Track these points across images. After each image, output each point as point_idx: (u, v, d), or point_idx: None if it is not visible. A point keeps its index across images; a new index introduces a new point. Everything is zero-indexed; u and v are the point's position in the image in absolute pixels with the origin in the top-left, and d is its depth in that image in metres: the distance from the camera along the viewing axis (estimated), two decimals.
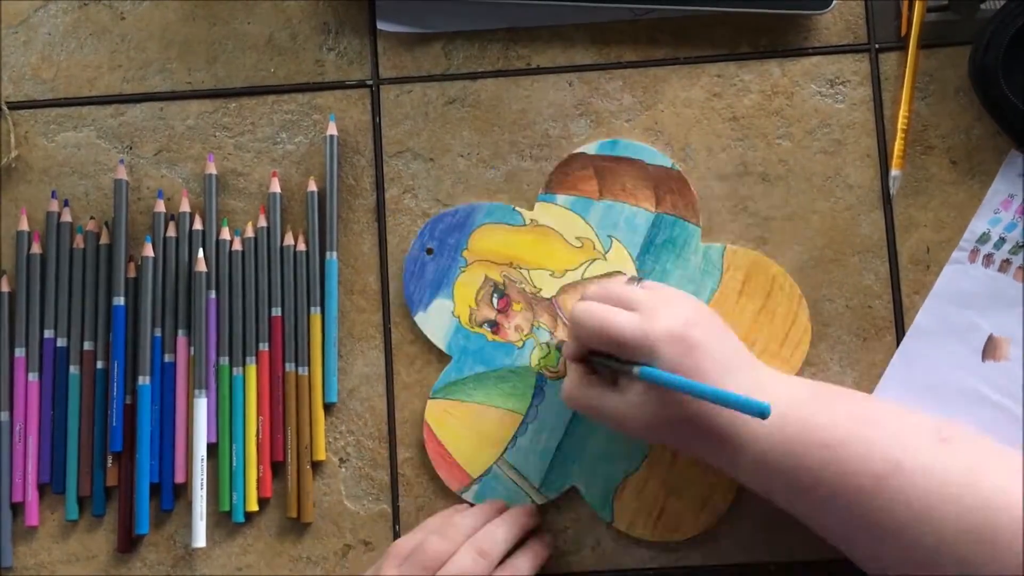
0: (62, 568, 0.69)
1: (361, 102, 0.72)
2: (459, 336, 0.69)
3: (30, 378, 0.70)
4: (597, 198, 0.69)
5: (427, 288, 0.69)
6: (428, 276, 0.69)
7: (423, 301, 0.69)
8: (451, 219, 0.70)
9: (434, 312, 0.69)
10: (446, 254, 0.69)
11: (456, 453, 0.68)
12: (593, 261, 0.69)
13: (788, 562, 0.67)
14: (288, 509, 0.69)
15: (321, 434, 0.69)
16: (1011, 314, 0.66)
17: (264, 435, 0.69)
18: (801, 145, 0.70)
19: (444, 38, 0.72)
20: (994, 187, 0.68)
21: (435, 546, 0.62)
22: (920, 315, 0.67)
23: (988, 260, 0.67)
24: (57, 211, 0.71)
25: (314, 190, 0.70)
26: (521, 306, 0.69)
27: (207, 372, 0.69)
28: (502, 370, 0.68)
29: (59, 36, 0.73)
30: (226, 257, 0.70)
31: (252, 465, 0.69)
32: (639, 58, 0.71)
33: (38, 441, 0.69)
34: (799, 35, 0.71)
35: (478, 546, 0.62)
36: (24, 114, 0.73)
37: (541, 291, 0.69)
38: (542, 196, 0.69)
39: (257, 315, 0.70)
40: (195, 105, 0.72)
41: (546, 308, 0.68)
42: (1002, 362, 0.66)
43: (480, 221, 0.69)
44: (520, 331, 0.69)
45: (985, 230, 0.68)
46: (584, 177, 0.69)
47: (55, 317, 0.70)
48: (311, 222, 0.70)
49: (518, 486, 0.67)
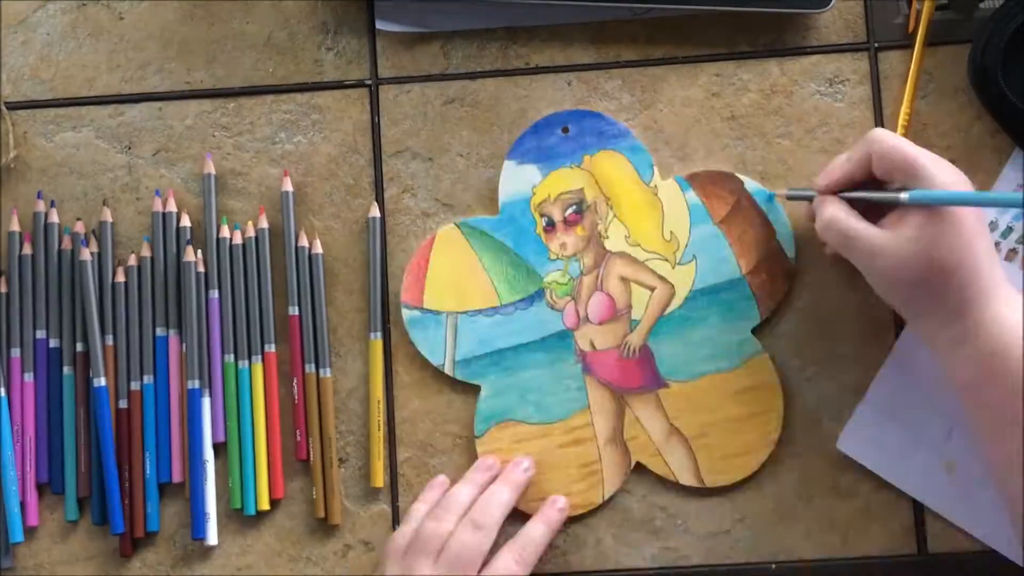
0: (62, 568, 0.69)
1: (360, 102, 0.72)
2: (520, 206, 0.69)
3: (26, 378, 0.70)
4: (715, 221, 0.68)
5: (535, 151, 0.70)
6: (546, 144, 0.70)
7: (523, 156, 0.70)
8: (604, 125, 0.70)
9: (521, 171, 0.70)
10: (575, 143, 0.70)
11: (430, 277, 0.69)
12: (663, 260, 0.69)
13: (788, 562, 0.67)
14: (316, 510, 0.69)
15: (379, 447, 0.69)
16: None
17: (274, 435, 0.69)
18: (800, 144, 0.70)
19: (443, 38, 0.72)
20: (1003, 175, 0.68)
21: (433, 529, 0.62)
22: None
23: (995, 248, 0.67)
24: (44, 212, 0.71)
25: (376, 216, 0.70)
26: (583, 233, 0.69)
27: (212, 371, 0.69)
28: (521, 260, 0.69)
29: (58, 36, 0.73)
30: (227, 255, 0.70)
31: (263, 464, 0.69)
32: (638, 57, 0.71)
33: (35, 441, 0.69)
34: (798, 34, 0.70)
35: (473, 520, 0.63)
36: (23, 114, 0.73)
37: (607, 239, 0.69)
38: (679, 178, 0.69)
39: (262, 314, 0.70)
40: (194, 105, 0.72)
41: (597, 253, 0.69)
42: None
43: (621, 148, 0.69)
44: (563, 249, 0.69)
45: (993, 219, 0.67)
46: (723, 198, 0.69)
47: (47, 318, 0.70)
48: (373, 248, 0.70)
49: (443, 344, 0.69)
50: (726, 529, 0.68)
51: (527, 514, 0.66)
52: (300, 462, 0.69)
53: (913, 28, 0.69)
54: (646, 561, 0.68)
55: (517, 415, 0.68)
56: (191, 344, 0.69)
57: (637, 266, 0.69)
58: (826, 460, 0.67)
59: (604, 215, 0.69)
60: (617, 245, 0.69)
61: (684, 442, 0.67)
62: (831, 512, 0.67)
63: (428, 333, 0.69)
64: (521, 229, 0.69)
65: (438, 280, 0.69)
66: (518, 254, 0.69)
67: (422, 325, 0.69)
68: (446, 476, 0.68)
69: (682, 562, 0.68)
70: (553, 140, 0.70)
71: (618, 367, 0.68)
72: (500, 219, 0.69)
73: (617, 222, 0.69)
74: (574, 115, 0.70)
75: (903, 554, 0.67)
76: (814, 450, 0.67)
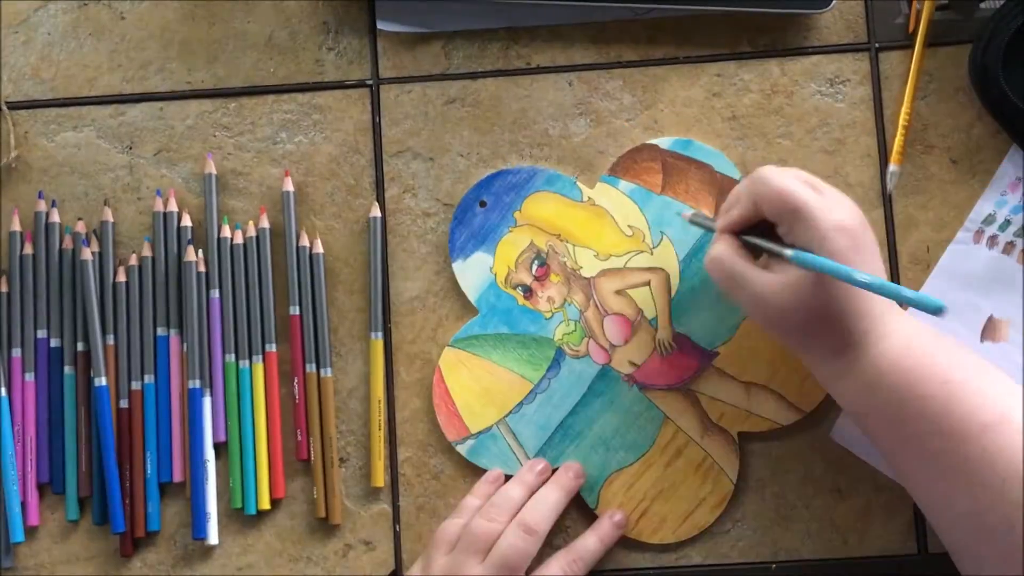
0: (62, 568, 0.69)
1: (361, 102, 0.72)
2: (491, 293, 0.69)
3: (26, 378, 0.70)
4: (658, 192, 0.69)
5: (472, 239, 0.70)
6: (475, 227, 0.70)
7: (464, 250, 0.69)
8: (512, 178, 0.70)
9: (473, 264, 0.69)
10: (498, 211, 0.70)
11: (461, 405, 0.68)
12: (639, 253, 0.69)
13: (788, 562, 0.67)
14: (317, 510, 0.69)
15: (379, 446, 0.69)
16: (1012, 296, 0.66)
17: (275, 433, 0.69)
18: (801, 144, 0.70)
19: (444, 38, 0.72)
20: (1002, 169, 0.68)
21: (483, 528, 0.63)
22: (922, 292, 0.68)
23: (992, 241, 0.67)
24: (45, 211, 0.71)
25: (377, 216, 0.70)
26: (559, 279, 0.69)
27: (212, 371, 0.69)
28: (525, 336, 0.69)
29: (59, 36, 0.73)
30: (227, 254, 0.70)
31: (263, 464, 0.69)
32: (639, 57, 0.71)
33: (36, 441, 0.69)
34: (799, 34, 0.70)
35: (524, 523, 0.63)
36: (24, 114, 0.73)
37: (581, 269, 0.69)
38: (605, 177, 0.69)
39: (262, 313, 0.70)
40: (195, 105, 0.72)
41: (582, 287, 0.69)
42: (1001, 343, 0.66)
43: (539, 187, 0.70)
44: (552, 303, 0.69)
45: (991, 211, 0.68)
46: (651, 169, 0.69)
47: (47, 318, 0.70)
48: (374, 248, 0.70)
49: (512, 452, 0.68)
50: (726, 529, 0.68)
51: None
52: (301, 462, 0.69)
53: (913, 28, 0.69)
54: (646, 561, 0.68)
55: (613, 466, 0.68)
56: (192, 344, 0.69)
57: (621, 274, 0.69)
58: (826, 460, 0.67)
59: (565, 251, 0.69)
60: (593, 268, 0.69)
61: (762, 389, 0.67)
62: (831, 512, 0.67)
63: (493, 453, 0.68)
64: (506, 311, 0.69)
65: (468, 403, 0.69)
66: (518, 334, 0.69)
67: (484, 450, 0.68)
68: (500, 471, 0.68)
69: (682, 562, 0.68)
70: (479, 219, 0.70)
71: (666, 367, 0.68)
72: (483, 316, 0.69)
73: (580, 248, 0.69)
74: (482, 186, 0.70)
75: (903, 554, 0.67)
76: (815, 450, 0.68)
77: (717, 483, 0.67)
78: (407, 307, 0.70)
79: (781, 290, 0.58)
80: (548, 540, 0.65)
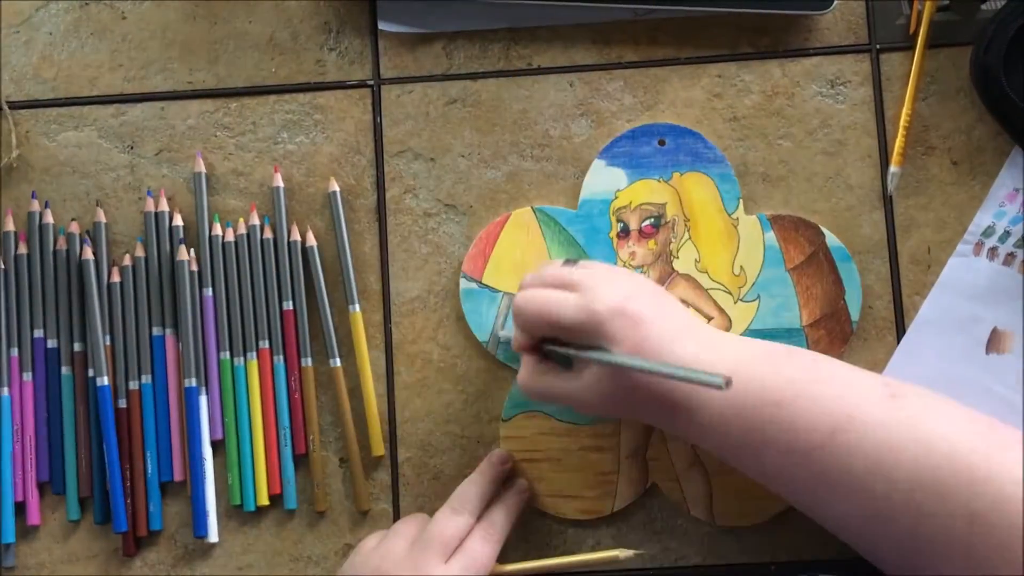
0: (63, 568, 0.69)
1: (362, 102, 0.72)
2: (600, 206, 0.69)
3: (24, 378, 0.70)
4: (787, 268, 0.68)
5: (627, 157, 0.69)
6: (638, 152, 0.69)
7: (613, 159, 0.69)
8: (700, 147, 0.69)
9: (607, 174, 0.69)
10: (666, 158, 0.69)
11: (495, 254, 0.69)
12: (727, 292, 0.68)
13: (788, 562, 0.67)
14: (316, 503, 0.69)
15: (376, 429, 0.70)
16: (1015, 307, 0.66)
17: (270, 429, 0.69)
18: (802, 146, 0.70)
19: (445, 38, 0.72)
20: (999, 180, 0.68)
21: (448, 529, 0.63)
22: (924, 306, 0.68)
23: (992, 253, 0.67)
24: (39, 211, 0.71)
25: (336, 190, 0.70)
26: (654, 248, 0.69)
27: (208, 369, 0.69)
28: (588, 257, 0.69)
29: (60, 36, 0.73)
30: (220, 252, 0.70)
31: (260, 460, 0.69)
32: (640, 58, 0.71)
33: (35, 441, 0.70)
34: (800, 35, 0.71)
35: (450, 505, 0.64)
36: (25, 114, 0.73)
37: (677, 259, 0.69)
38: (762, 216, 0.68)
39: (255, 310, 0.70)
40: (196, 105, 0.73)
41: (664, 270, 0.68)
42: (1006, 355, 0.66)
43: (711, 173, 0.69)
44: (632, 258, 0.69)
45: (990, 223, 0.68)
46: (800, 245, 0.68)
47: (44, 318, 0.70)
48: (337, 221, 0.70)
49: (491, 320, 0.69)
50: (726, 529, 0.68)
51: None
52: (300, 457, 0.69)
53: (915, 29, 0.69)
54: (646, 561, 0.68)
55: (548, 408, 0.68)
56: (186, 343, 0.69)
57: (700, 292, 0.68)
58: None
59: (679, 234, 0.69)
60: (685, 267, 0.69)
61: (704, 476, 0.67)
62: None
63: (480, 308, 0.69)
64: (595, 228, 0.69)
65: (502, 258, 0.69)
66: (585, 252, 0.69)
67: (477, 299, 0.69)
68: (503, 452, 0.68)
69: (682, 562, 0.68)
70: (647, 150, 0.69)
71: None
72: (577, 214, 0.69)
73: (690, 245, 0.69)
74: (674, 130, 0.70)
75: None
76: None
77: (602, 498, 0.67)
78: (407, 307, 0.70)
79: (588, 387, 0.59)
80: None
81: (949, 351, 0.67)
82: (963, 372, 0.66)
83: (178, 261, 0.70)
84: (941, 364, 0.67)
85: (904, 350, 0.67)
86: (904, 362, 0.67)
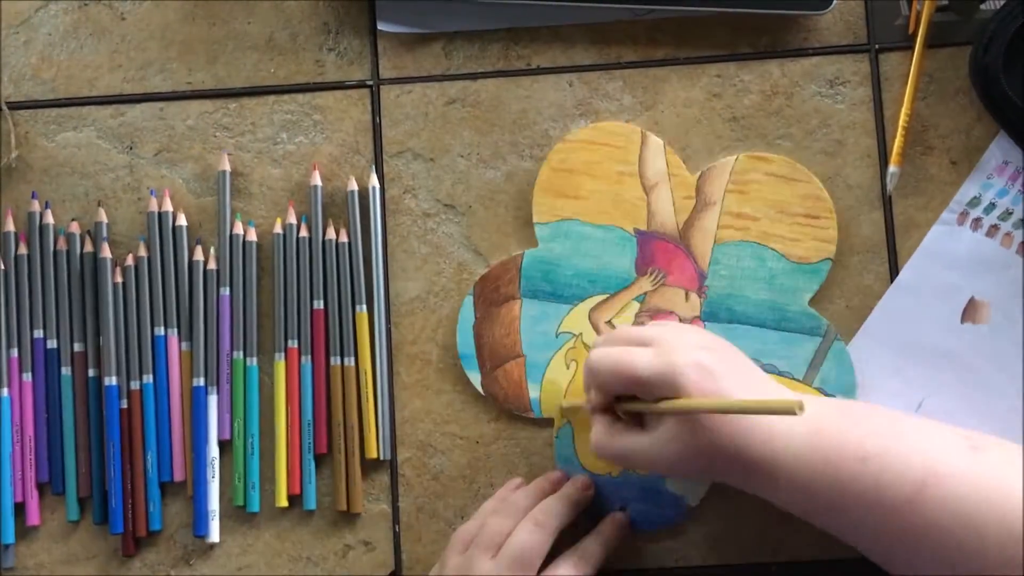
0: (62, 568, 0.69)
1: (361, 102, 0.72)
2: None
3: (24, 378, 0.70)
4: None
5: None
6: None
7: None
8: None
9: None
10: None
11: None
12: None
13: (789, 562, 0.67)
14: (337, 503, 0.69)
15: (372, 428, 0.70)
16: (994, 279, 0.67)
17: (294, 429, 0.69)
18: (801, 146, 0.70)
19: (444, 38, 0.72)
20: (989, 152, 0.68)
21: (495, 526, 0.63)
22: (904, 271, 0.68)
23: (976, 224, 0.68)
24: (39, 211, 0.71)
25: (355, 189, 0.70)
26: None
27: (219, 368, 0.69)
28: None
29: (59, 36, 0.73)
30: (239, 251, 0.70)
31: (282, 461, 0.69)
32: (639, 58, 0.71)
33: (35, 441, 0.70)
34: (799, 35, 0.71)
35: (535, 518, 0.63)
36: (24, 114, 0.73)
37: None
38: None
39: (286, 310, 0.70)
40: (195, 105, 0.73)
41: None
42: (981, 325, 0.67)
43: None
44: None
45: (976, 194, 0.68)
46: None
47: (43, 318, 0.70)
48: (352, 219, 0.70)
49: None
50: (726, 529, 0.68)
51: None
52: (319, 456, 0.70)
53: (914, 29, 0.69)
54: (646, 561, 0.68)
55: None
56: (197, 342, 0.69)
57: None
58: None
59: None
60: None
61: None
62: None
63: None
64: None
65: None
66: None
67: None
68: (520, 478, 0.68)
69: (682, 562, 0.68)
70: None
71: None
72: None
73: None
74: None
75: None
76: None
77: None
78: (407, 307, 0.70)
79: (666, 444, 0.58)
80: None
81: (925, 317, 0.67)
82: (938, 339, 0.67)
83: (194, 260, 0.70)
84: (916, 329, 0.67)
85: (880, 313, 0.67)
86: (880, 324, 0.67)
